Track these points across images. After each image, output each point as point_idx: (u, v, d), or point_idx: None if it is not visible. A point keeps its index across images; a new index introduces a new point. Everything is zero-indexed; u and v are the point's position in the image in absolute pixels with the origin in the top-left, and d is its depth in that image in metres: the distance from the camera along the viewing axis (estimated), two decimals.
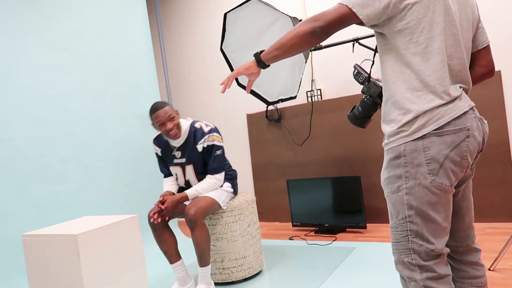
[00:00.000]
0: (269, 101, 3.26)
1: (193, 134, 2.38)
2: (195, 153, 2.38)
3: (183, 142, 2.40)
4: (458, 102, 1.16)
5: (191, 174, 2.44)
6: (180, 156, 2.42)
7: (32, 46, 2.83)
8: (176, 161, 2.45)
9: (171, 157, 2.46)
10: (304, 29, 1.17)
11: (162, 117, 2.27)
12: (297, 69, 3.04)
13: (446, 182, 1.16)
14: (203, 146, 2.36)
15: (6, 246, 2.54)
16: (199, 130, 2.38)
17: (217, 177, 2.39)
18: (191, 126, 2.40)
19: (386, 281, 2.17)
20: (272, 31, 3.09)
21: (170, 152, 2.46)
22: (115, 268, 1.69)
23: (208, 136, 2.36)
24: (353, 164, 3.49)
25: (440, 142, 1.14)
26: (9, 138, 2.65)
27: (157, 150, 2.51)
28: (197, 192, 2.35)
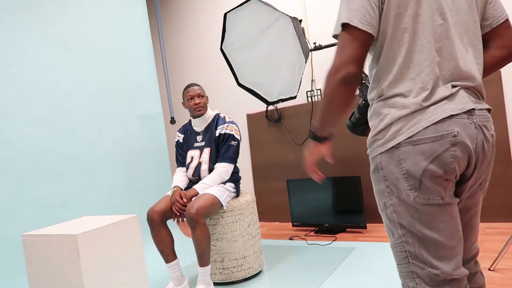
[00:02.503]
0: (269, 101, 3.26)
1: (216, 120, 2.56)
2: (214, 137, 2.51)
3: (206, 126, 2.56)
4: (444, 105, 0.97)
5: (206, 157, 2.52)
6: (201, 140, 2.56)
7: (32, 46, 2.83)
8: (196, 145, 2.58)
9: (192, 141, 2.60)
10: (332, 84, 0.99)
11: (192, 92, 2.50)
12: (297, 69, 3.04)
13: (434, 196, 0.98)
14: (220, 132, 2.49)
15: (6, 246, 2.54)
16: (222, 118, 2.56)
17: (225, 165, 2.45)
18: (216, 115, 2.60)
19: (386, 281, 2.17)
20: (272, 31, 3.08)
21: (194, 136, 2.60)
22: (115, 268, 1.69)
23: (228, 125, 2.50)
24: (353, 164, 3.49)
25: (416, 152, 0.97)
26: (9, 138, 2.65)
27: (179, 137, 2.67)
28: (205, 185, 2.39)
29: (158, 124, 3.66)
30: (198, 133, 2.59)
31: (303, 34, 3.05)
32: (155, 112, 3.67)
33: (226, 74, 4.17)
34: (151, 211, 2.31)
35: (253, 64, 3.23)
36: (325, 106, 1.04)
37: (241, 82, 3.28)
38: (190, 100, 2.51)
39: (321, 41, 3.50)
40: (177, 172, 2.63)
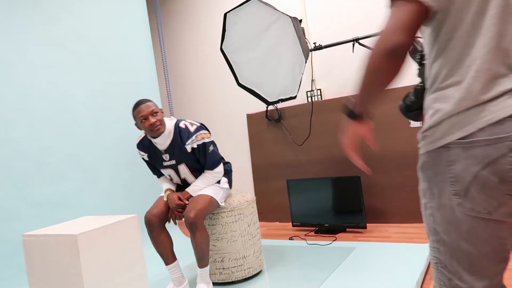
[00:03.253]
0: (269, 101, 3.26)
1: (179, 134, 2.29)
2: (184, 153, 2.31)
3: (169, 143, 2.31)
4: (506, 100, 0.82)
5: (186, 172, 2.40)
6: (169, 159, 2.34)
7: (32, 46, 2.83)
8: (166, 164, 2.37)
9: (160, 160, 2.38)
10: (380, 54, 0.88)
11: (144, 111, 2.19)
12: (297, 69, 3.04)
13: (480, 208, 0.85)
14: (192, 147, 2.29)
15: (6, 246, 2.54)
16: (185, 130, 2.29)
17: (216, 170, 2.37)
18: (176, 126, 2.31)
19: (386, 281, 2.17)
20: (272, 31, 3.08)
21: (158, 155, 2.37)
22: (115, 268, 1.69)
23: (195, 136, 2.28)
24: (353, 164, 3.48)
25: (468, 155, 0.84)
26: (9, 138, 2.65)
27: (143, 155, 2.42)
28: (199, 188, 2.34)
29: None
30: (162, 152, 2.35)
31: (303, 34, 3.05)
32: None
33: (226, 74, 4.17)
34: (149, 214, 2.29)
35: (253, 64, 3.23)
36: (366, 79, 0.93)
37: (241, 82, 3.28)
38: (144, 121, 2.20)
39: (321, 41, 3.50)
40: (162, 180, 2.50)
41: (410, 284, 2.06)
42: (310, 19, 3.71)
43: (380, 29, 0.89)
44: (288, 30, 2.98)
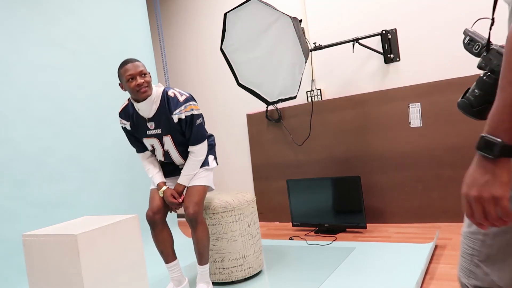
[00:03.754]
0: (269, 101, 3.26)
1: (167, 102, 2.15)
2: (171, 123, 2.18)
3: (155, 111, 2.16)
4: None
5: (169, 144, 2.26)
6: (154, 127, 2.20)
7: (32, 46, 2.83)
8: (150, 133, 2.23)
9: (143, 129, 2.23)
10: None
11: (132, 70, 2.05)
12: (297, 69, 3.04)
13: None
14: (179, 117, 2.16)
15: (6, 246, 2.54)
16: (173, 98, 2.15)
17: (200, 146, 2.25)
18: (164, 94, 2.17)
19: (386, 281, 2.17)
20: (272, 31, 3.08)
21: (142, 123, 2.21)
22: (115, 268, 1.69)
23: (185, 106, 2.15)
24: (353, 164, 3.49)
25: None
26: (9, 138, 2.65)
27: (125, 123, 2.26)
28: (189, 176, 2.28)
29: None
30: (149, 120, 2.20)
31: (303, 34, 3.05)
32: None
33: (226, 74, 4.16)
34: (150, 211, 2.27)
35: (253, 64, 3.23)
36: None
37: (241, 82, 3.28)
38: (130, 81, 2.05)
39: (321, 41, 3.50)
40: (145, 162, 2.36)
41: (410, 284, 2.06)
42: (310, 19, 3.71)
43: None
44: (288, 30, 2.98)
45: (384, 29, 3.31)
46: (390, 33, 3.29)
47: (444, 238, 2.78)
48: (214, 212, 2.40)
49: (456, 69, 3.08)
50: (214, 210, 2.40)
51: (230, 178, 4.34)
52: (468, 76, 3.00)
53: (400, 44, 3.29)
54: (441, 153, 3.12)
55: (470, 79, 2.99)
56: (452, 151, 3.07)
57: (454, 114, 3.08)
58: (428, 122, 3.16)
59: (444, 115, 3.10)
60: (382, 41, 3.33)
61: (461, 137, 3.04)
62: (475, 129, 3.16)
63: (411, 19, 3.24)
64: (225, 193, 2.63)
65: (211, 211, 2.40)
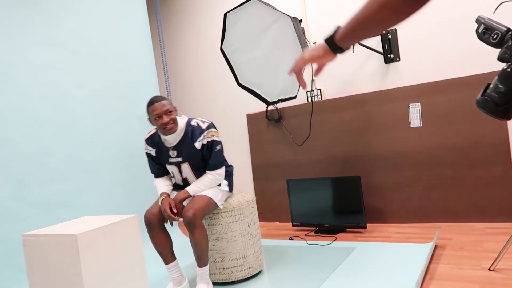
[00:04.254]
0: (269, 101, 3.26)
1: (191, 132, 2.32)
2: (192, 151, 2.33)
3: (178, 140, 2.33)
4: None
5: (188, 171, 2.41)
6: (176, 155, 2.37)
7: (32, 46, 2.83)
8: (171, 160, 2.39)
9: (166, 156, 2.40)
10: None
11: (159, 109, 2.22)
12: None
13: None
14: (202, 143, 2.31)
15: (6, 246, 2.54)
16: (197, 128, 2.32)
17: (218, 172, 2.38)
18: (188, 124, 2.34)
19: (386, 281, 2.17)
20: (272, 31, 3.08)
21: (165, 151, 2.39)
22: (115, 268, 1.69)
23: (207, 132, 2.32)
24: (353, 164, 3.49)
25: None
26: (9, 138, 2.65)
27: (151, 150, 2.43)
28: (199, 189, 2.33)
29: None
30: (170, 148, 2.38)
31: (303, 34, 3.05)
32: None
33: (226, 74, 4.17)
34: (148, 213, 2.29)
35: (253, 64, 3.23)
36: (366, 14, 0.81)
37: (241, 82, 3.28)
38: (157, 119, 2.24)
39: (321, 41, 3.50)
40: (158, 182, 2.49)
41: (410, 284, 2.06)
42: (310, 19, 3.71)
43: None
44: (288, 30, 2.98)
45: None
46: (390, 33, 3.29)
47: (444, 238, 2.78)
48: (214, 212, 2.40)
49: (456, 69, 3.08)
50: (214, 210, 2.40)
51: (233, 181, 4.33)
52: (468, 76, 3.01)
53: (400, 44, 3.29)
54: (441, 153, 3.12)
55: (470, 79, 3.00)
56: (452, 151, 3.08)
57: (454, 114, 3.08)
58: (428, 122, 3.16)
59: (444, 115, 3.10)
60: (382, 41, 3.33)
61: (461, 137, 3.04)
62: (475, 129, 3.18)
63: (411, 19, 3.24)
64: None
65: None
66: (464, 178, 3.05)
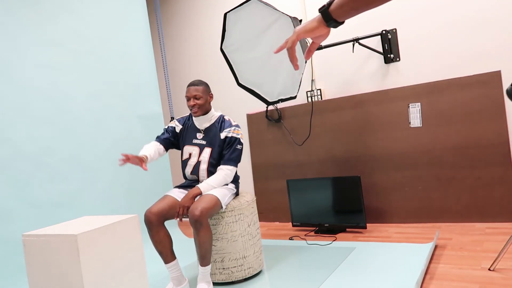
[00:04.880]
0: (269, 101, 3.26)
1: (221, 123, 2.52)
2: (217, 139, 2.48)
3: (208, 125, 2.52)
4: None
5: (206, 156, 2.49)
6: (202, 138, 2.52)
7: (32, 46, 2.83)
8: (196, 141, 2.52)
9: (191, 136, 2.54)
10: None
11: (189, 92, 2.44)
12: None
13: None
14: (226, 135, 2.46)
15: (6, 246, 2.54)
16: (227, 121, 2.52)
17: (230, 168, 2.44)
18: (221, 116, 2.57)
19: (386, 281, 2.17)
20: (272, 31, 3.08)
21: (193, 132, 2.54)
22: (115, 268, 1.69)
23: (235, 128, 2.49)
24: (353, 164, 3.49)
25: None
26: (9, 138, 2.65)
27: (177, 125, 2.59)
28: (210, 186, 2.36)
29: (158, 124, 3.66)
30: (199, 130, 2.54)
31: None
32: (155, 112, 3.67)
33: (226, 74, 4.17)
34: (149, 212, 2.29)
35: (253, 64, 3.23)
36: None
37: (241, 82, 3.28)
38: (188, 101, 2.48)
39: None
40: (152, 143, 2.53)
41: (410, 284, 2.06)
42: (310, 19, 3.71)
43: None
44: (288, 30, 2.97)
45: (384, 29, 3.31)
46: (390, 33, 3.29)
47: (444, 238, 2.78)
48: (216, 213, 2.40)
49: (456, 69, 3.08)
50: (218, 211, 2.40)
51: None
52: (468, 76, 3.01)
53: (400, 44, 3.30)
54: (441, 153, 3.12)
55: (470, 79, 3.00)
56: (452, 151, 3.08)
57: (454, 114, 3.08)
58: (428, 122, 3.16)
59: (444, 115, 3.10)
60: (382, 41, 3.33)
61: (461, 137, 3.04)
62: (475, 129, 3.18)
63: (411, 19, 3.24)
64: None
65: None
66: (464, 178, 3.05)
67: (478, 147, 2.98)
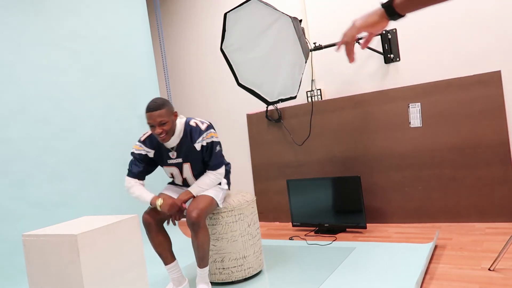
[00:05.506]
0: (269, 101, 3.26)
1: (189, 133, 2.29)
2: (192, 152, 2.31)
3: (178, 142, 2.30)
4: None
5: (188, 172, 2.38)
6: (176, 156, 2.34)
7: (32, 46, 2.83)
8: (171, 162, 2.36)
9: (166, 157, 2.36)
10: None
11: (152, 119, 2.15)
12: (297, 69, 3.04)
13: None
14: (201, 144, 2.29)
15: (6, 246, 2.54)
16: (196, 128, 2.29)
17: (219, 171, 2.37)
18: (186, 125, 2.30)
19: (386, 281, 2.17)
20: (272, 31, 3.08)
21: (165, 152, 2.35)
22: (115, 268, 1.69)
23: (206, 133, 2.29)
24: (353, 164, 3.49)
25: None
26: (9, 138, 2.65)
27: (148, 151, 2.35)
28: (201, 189, 2.31)
29: None
30: (170, 150, 2.33)
31: (303, 34, 3.05)
32: None
33: (226, 74, 4.17)
34: (146, 215, 2.28)
35: (253, 64, 3.23)
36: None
37: (241, 82, 3.28)
38: (152, 128, 2.19)
39: (321, 41, 3.50)
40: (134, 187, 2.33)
41: (410, 284, 2.06)
42: (310, 19, 3.71)
43: None
44: (288, 30, 2.98)
45: (384, 29, 3.31)
46: (390, 33, 3.29)
47: (444, 238, 2.78)
48: (214, 212, 2.40)
49: (456, 69, 3.08)
50: (214, 210, 2.40)
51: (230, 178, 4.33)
52: (468, 76, 3.01)
53: (400, 44, 3.29)
54: (441, 153, 3.12)
55: (470, 79, 3.00)
56: (452, 151, 3.08)
57: (454, 114, 3.08)
58: (428, 122, 3.16)
59: (444, 115, 3.10)
60: (382, 41, 3.33)
61: (461, 137, 3.04)
62: (475, 129, 3.18)
63: (411, 19, 3.24)
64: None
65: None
66: (464, 178, 3.05)
67: (478, 147, 2.98)
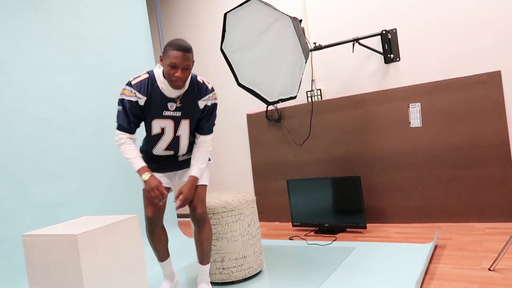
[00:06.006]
0: (269, 101, 3.26)
1: (196, 87, 2.09)
2: (195, 108, 2.12)
3: (182, 93, 2.06)
4: None
5: (185, 129, 2.15)
6: (175, 109, 2.07)
7: (32, 46, 2.83)
8: (167, 114, 2.07)
9: (160, 109, 2.05)
10: None
11: (180, 61, 1.90)
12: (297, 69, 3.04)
13: None
14: (206, 104, 2.14)
15: (6, 246, 2.54)
16: (203, 85, 2.12)
17: (211, 137, 2.25)
18: (193, 79, 2.10)
19: (386, 281, 2.17)
20: (272, 31, 3.08)
21: (161, 102, 2.04)
22: (115, 268, 1.69)
23: (212, 94, 2.16)
24: (353, 164, 3.49)
25: None
26: (9, 138, 2.65)
27: (139, 98, 2.01)
28: (201, 169, 2.20)
29: None
30: (170, 100, 2.05)
31: (303, 34, 3.05)
32: None
33: (226, 74, 4.17)
34: (151, 213, 2.24)
35: (253, 64, 3.23)
36: None
37: (241, 82, 3.28)
38: (171, 68, 1.92)
39: (321, 41, 3.50)
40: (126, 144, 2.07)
41: (410, 284, 2.06)
42: (310, 19, 3.71)
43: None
44: (288, 30, 2.97)
45: (384, 29, 3.31)
46: (390, 33, 3.29)
47: (444, 238, 2.78)
48: (214, 212, 2.40)
49: (456, 69, 3.08)
50: (214, 210, 2.40)
51: (230, 178, 4.34)
52: (468, 76, 3.01)
53: (400, 44, 3.30)
54: (441, 153, 3.12)
55: (470, 79, 3.00)
56: (452, 151, 3.08)
57: (454, 114, 3.08)
58: (428, 122, 3.16)
59: (444, 115, 3.10)
60: (382, 41, 3.33)
61: (461, 137, 3.04)
62: (475, 129, 3.18)
63: (411, 19, 3.24)
64: (225, 193, 2.64)
65: (211, 211, 2.41)
66: (464, 178, 3.05)
67: (478, 147, 2.98)
